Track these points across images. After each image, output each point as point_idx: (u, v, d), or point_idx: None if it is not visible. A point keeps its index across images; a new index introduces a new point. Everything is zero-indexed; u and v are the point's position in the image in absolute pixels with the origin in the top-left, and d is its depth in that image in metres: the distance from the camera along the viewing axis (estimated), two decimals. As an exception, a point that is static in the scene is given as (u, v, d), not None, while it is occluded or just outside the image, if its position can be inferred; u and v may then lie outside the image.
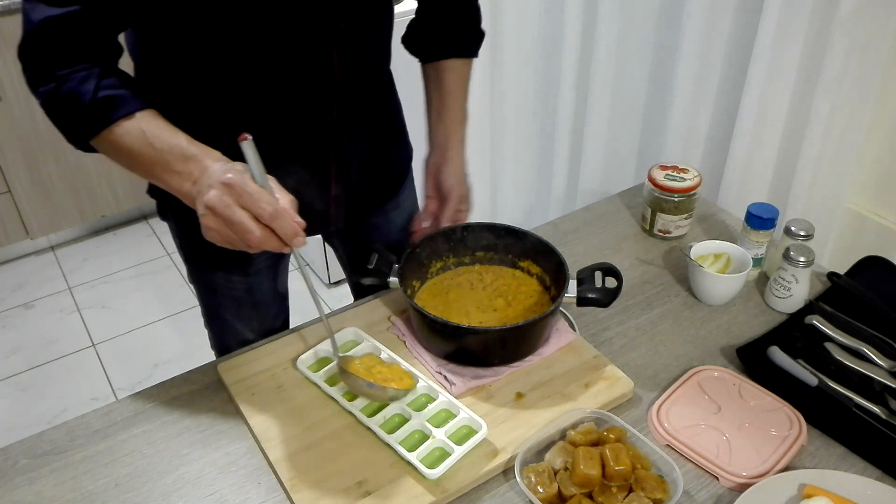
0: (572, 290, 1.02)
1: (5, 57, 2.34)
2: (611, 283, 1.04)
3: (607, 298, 1.01)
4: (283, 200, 0.78)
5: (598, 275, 1.04)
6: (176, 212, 1.12)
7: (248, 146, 0.75)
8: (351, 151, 1.10)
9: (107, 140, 0.85)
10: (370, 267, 1.08)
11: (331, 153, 1.08)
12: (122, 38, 0.92)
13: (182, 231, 1.18)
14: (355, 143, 1.10)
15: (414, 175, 1.31)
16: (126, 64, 0.94)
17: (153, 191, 1.12)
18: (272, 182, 0.79)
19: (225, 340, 1.26)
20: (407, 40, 1.20)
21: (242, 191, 0.75)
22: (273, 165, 1.04)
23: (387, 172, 1.23)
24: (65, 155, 2.59)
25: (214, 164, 0.80)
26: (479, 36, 1.20)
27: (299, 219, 0.78)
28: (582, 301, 1.02)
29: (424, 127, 1.21)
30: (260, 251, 0.78)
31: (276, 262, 1.26)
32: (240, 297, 1.23)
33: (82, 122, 0.84)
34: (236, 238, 0.77)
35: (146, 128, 0.83)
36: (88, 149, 0.88)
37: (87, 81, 0.83)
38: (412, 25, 1.20)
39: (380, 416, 0.93)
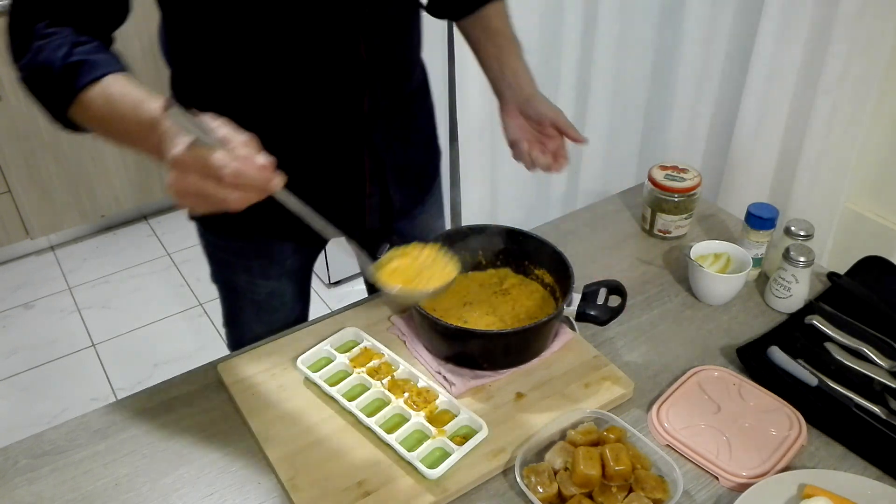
0: (574, 304, 1.01)
1: (5, 57, 2.33)
2: (615, 300, 1.03)
3: (606, 317, 1.01)
4: (239, 148, 0.69)
5: (602, 291, 1.04)
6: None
7: (174, 112, 0.67)
8: (384, 146, 1.09)
9: (79, 110, 0.80)
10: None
11: (364, 147, 1.07)
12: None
13: (207, 231, 1.18)
14: (389, 139, 1.09)
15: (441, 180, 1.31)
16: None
17: None
18: (221, 129, 0.70)
19: (242, 343, 1.25)
20: (432, 6, 1.16)
21: (193, 163, 0.68)
22: (309, 161, 1.04)
23: (419, 173, 1.22)
24: (65, 155, 2.59)
25: (167, 132, 0.71)
26: None
27: (263, 159, 0.69)
28: (581, 316, 1.01)
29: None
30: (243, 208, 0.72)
31: (303, 266, 1.25)
32: (261, 300, 1.22)
33: (54, 92, 0.80)
34: (219, 208, 0.71)
35: (111, 93, 0.78)
36: (71, 125, 0.83)
37: (60, 48, 0.78)
38: None
39: (380, 416, 0.93)
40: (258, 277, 1.20)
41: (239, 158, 0.68)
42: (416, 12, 1.08)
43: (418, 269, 0.92)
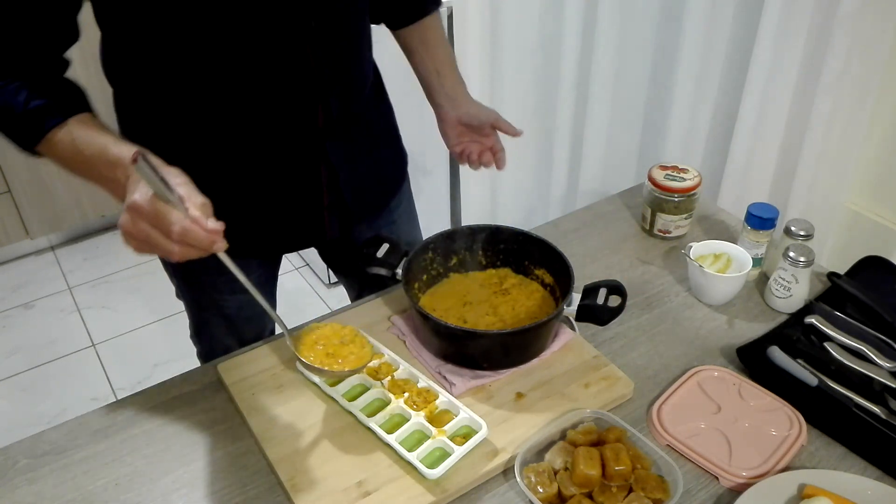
0: (574, 303, 1.01)
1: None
2: (615, 300, 1.03)
3: (606, 317, 1.01)
4: (192, 209, 0.73)
5: (602, 291, 1.04)
6: None
7: (141, 165, 0.70)
8: (340, 156, 1.08)
9: (46, 149, 0.84)
10: (378, 256, 1.08)
11: (319, 159, 1.06)
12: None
13: None
14: (344, 148, 1.08)
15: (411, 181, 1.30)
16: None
17: None
18: (181, 188, 0.74)
19: (213, 355, 1.24)
20: (371, 12, 1.15)
21: (148, 212, 0.72)
22: (264, 173, 1.04)
23: (379, 179, 1.20)
24: (65, 155, 2.59)
25: (131, 178, 0.76)
26: None
27: (213, 225, 0.74)
28: (581, 316, 1.01)
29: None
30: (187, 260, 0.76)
31: (270, 277, 1.25)
32: (231, 314, 1.22)
33: (18, 133, 0.83)
34: (161, 256, 0.76)
35: (76, 135, 0.82)
36: (39, 155, 0.86)
37: (20, 93, 0.82)
38: None
39: (380, 416, 0.93)
40: (226, 293, 1.19)
41: (190, 218, 0.72)
42: (365, 24, 1.06)
43: (338, 345, 0.94)
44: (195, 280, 1.19)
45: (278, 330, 1.01)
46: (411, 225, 1.34)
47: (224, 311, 1.21)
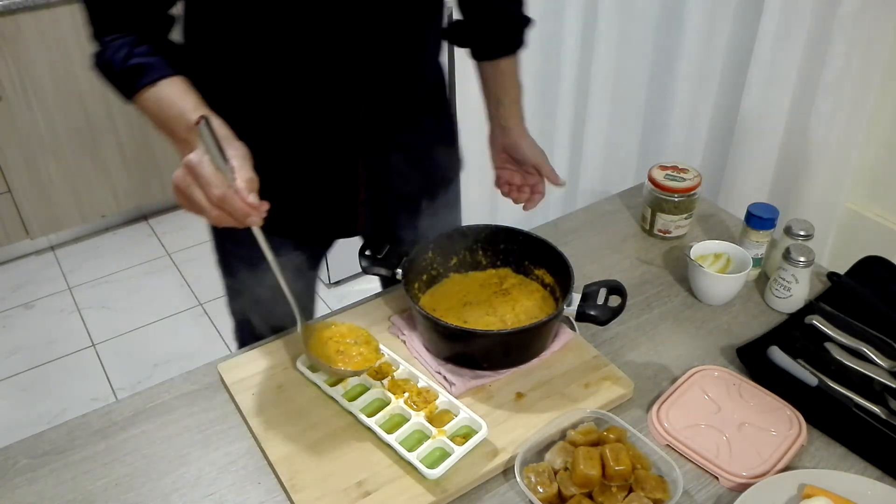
0: (574, 303, 1.01)
1: (5, 56, 2.34)
2: (615, 300, 1.03)
3: (606, 317, 1.01)
4: (240, 181, 0.78)
5: (602, 291, 1.04)
6: None
7: (203, 129, 0.76)
8: (381, 155, 1.09)
9: (138, 104, 0.90)
10: (379, 256, 1.08)
11: (358, 154, 1.08)
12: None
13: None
14: (386, 148, 1.09)
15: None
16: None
17: None
18: (236, 160, 0.79)
19: (246, 333, 1.24)
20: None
21: (197, 173, 0.77)
22: (303, 158, 1.06)
23: (422, 185, 1.21)
24: (65, 155, 2.59)
25: (195, 141, 0.81)
26: (527, 25, 1.18)
27: (252, 199, 0.78)
28: (581, 316, 1.01)
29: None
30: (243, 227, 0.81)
31: (306, 265, 1.25)
32: (264, 295, 1.22)
33: (117, 87, 0.91)
34: (198, 214, 0.81)
35: (163, 95, 0.88)
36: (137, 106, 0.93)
37: (121, 50, 0.89)
38: (458, 24, 1.18)
39: (380, 416, 0.93)
40: (260, 271, 1.19)
41: (232, 188, 0.77)
42: (427, 23, 1.06)
43: (350, 344, 0.96)
44: (235, 254, 1.20)
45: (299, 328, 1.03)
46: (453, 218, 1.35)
47: (258, 293, 1.22)
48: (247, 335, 1.22)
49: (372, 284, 1.43)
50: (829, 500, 0.82)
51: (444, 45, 1.16)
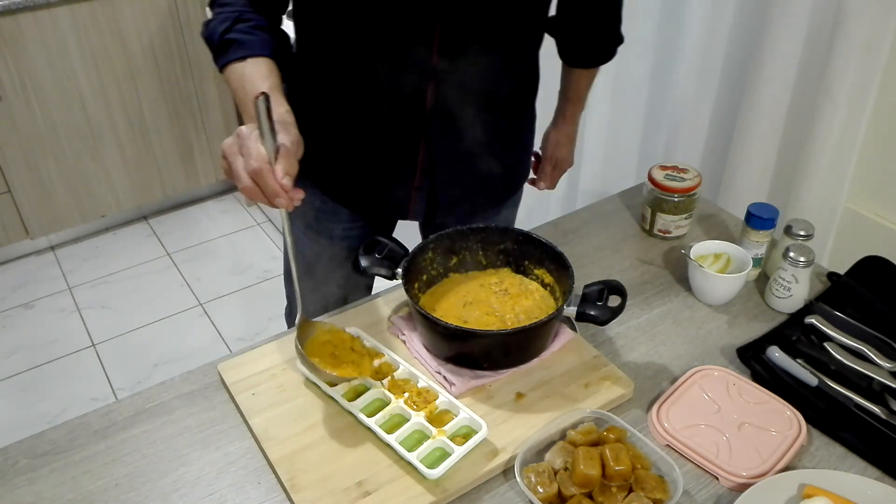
0: (574, 303, 1.01)
1: (5, 56, 2.34)
2: (615, 300, 1.03)
3: (606, 317, 1.01)
4: (282, 161, 0.81)
5: (602, 291, 1.03)
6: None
7: (260, 105, 0.79)
8: (443, 146, 1.10)
9: (224, 77, 0.96)
10: (378, 256, 1.08)
11: (421, 138, 1.09)
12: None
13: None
14: (450, 140, 1.10)
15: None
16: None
17: None
18: (284, 145, 0.82)
19: (305, 302, 1.25)
20: (560, 49, 1.26)
21: (243, 143, 0.82)
22: (368, 135, 1.11)
23: (482, 187, 1.21)
24: (65, 155, 2.59)
25: (253, 116, 0.84)
26: (620, 43, 1.24)
27: (286, 181, 0.81)
28: (581, 316, 1.01)
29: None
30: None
31: (356, 242, 1.26)
32: (314, 262, 1.26)
33: (213, 56, 0.98)
34: (234, 180, 0.84)
35: (247, 73, 0.93)
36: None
37: (224, 22, 0.95)
38: (552, 21, 1.20)
39: (380, 416, 0.93)
40: (321, 234, 1.24)
41: (270, 165, 0.81)
42: (510, 29, 1.06)
43: (346, 351, 0.97)
44: (302, 212, 1.22)
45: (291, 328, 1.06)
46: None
47: (337, 256, 1.26)
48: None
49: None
50: (829, 500, 0.82)
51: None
